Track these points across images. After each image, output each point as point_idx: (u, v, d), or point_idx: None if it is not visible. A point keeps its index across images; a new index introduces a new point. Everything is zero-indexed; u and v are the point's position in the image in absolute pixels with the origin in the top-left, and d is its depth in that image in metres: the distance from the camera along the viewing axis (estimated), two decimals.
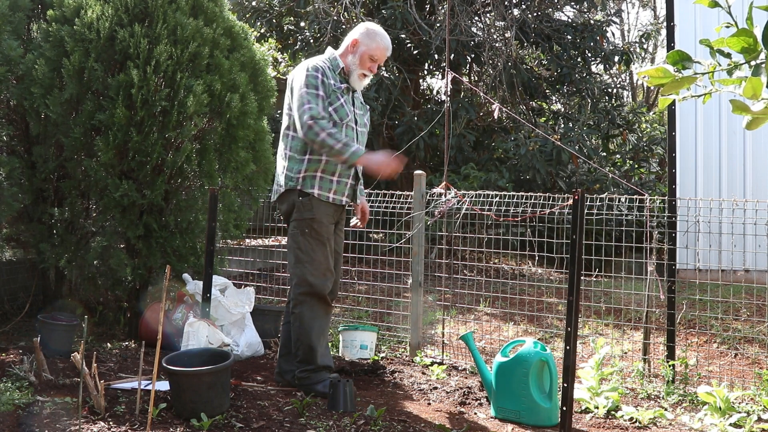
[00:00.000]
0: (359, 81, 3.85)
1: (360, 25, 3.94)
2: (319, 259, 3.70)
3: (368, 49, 3.81)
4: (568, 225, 3.85)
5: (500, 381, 3.56)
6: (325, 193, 3.70)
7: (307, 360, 3.72)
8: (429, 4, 10.91)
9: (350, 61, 3.82)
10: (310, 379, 3.70)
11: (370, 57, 3.82)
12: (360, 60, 3.81)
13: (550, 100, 12.16)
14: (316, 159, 3.69)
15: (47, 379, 3.43)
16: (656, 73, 1.79)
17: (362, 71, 3.83)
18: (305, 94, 3.64)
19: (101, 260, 4.72)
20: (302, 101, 3.64)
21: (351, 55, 3.83)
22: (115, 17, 4.60)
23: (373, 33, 3.85)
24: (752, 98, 1.67)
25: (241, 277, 6.15)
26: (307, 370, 3.71)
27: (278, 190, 3.81)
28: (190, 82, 4.62)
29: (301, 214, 3.69)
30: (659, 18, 16.87)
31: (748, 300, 5.39)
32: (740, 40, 1.66)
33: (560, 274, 7.46)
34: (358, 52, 3.81)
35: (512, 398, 3.52)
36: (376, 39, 3.83)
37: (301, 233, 3.68)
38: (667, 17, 4.88)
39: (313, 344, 3.72)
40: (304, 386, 3.70)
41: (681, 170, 6.36)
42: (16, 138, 4.92)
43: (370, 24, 3.94)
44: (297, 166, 3.70)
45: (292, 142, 3.75)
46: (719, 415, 3.53)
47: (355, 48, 3.83)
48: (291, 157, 3.74)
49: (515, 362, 3.53)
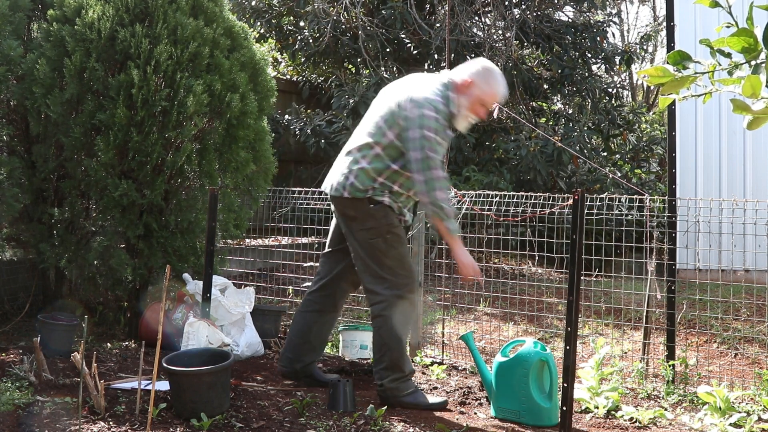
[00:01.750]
0: (464, 124, 3.60)
1: (477, 62, 3.61)
2: (407, 260, 3.66)
3: (482, 93, 3.51)
4: (568, 225, 3.85)
5: (500, 381, 3.56)
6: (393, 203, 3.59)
7: (395, 367, 3.56)
8: (429, 4, 10.91)
9: (462, 103, 3.52)
10: (399, 390, 3.56)
11: (482, 103, 3.54)
12: (470, 104, 3.52)
13: (551, 100, 12.16)
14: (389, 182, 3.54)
15: (47, 379, 3.43)
16: (656, 72, 1.79)
17: (470, 116, 3.56)
18: (431, 138, 3.37)
19: (101, 260, 4.72)
20: (424, 144, 3.37)
21: (463, 96, 3.52)
22: (116, 17, 4.60)
23: (490, 76, 3.54)
24: (751, 97, 1.66)
25: (241, 277, 6.15)
26: (396, 380, 3.56)
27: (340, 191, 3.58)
28: (190, 82, 4.62)
29: (377, 221, 3.54)
30: (659, 18, 16.87)
31: (748, 300, 5.39)
32: (740, 40, 1.66)
33: (560, 274, 7.46)
34: (471, 95, 3.51)
35: (512, 398, 3.52)
36: (491, 83, 3.53)
37: (382, 240, 3.55)
38: (667, 17, 4.88)
39: (403, 350, 3.62)
40: (393, 397, 3.55)
41: (681, 170, 6.35)
42: (17, 138, 4.92)
43: (487, 63, 3.61)
44: (368, 182, 3.53)
45: (376, 159, 3.53)
46: (719, 415, 3.53)
47: (467, 90, 3.51)
48: (365, 170, 3.53)
49: (515, 362, 3.53)
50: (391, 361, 3.56)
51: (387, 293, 3.55)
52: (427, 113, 3.40)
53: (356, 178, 3.53)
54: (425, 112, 3.40)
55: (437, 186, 3.39)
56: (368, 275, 3.62)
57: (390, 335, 3.55)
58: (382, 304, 3.57)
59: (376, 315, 3.60)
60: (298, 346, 3.86)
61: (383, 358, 3.57)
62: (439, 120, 3.42)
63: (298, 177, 10.23)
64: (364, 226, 3.57)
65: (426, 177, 3.39)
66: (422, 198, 3.46)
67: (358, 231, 3.59)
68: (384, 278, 3.57)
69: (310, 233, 6.09)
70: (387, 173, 3.54)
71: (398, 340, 3.57)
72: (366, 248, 3.59)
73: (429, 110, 3.41)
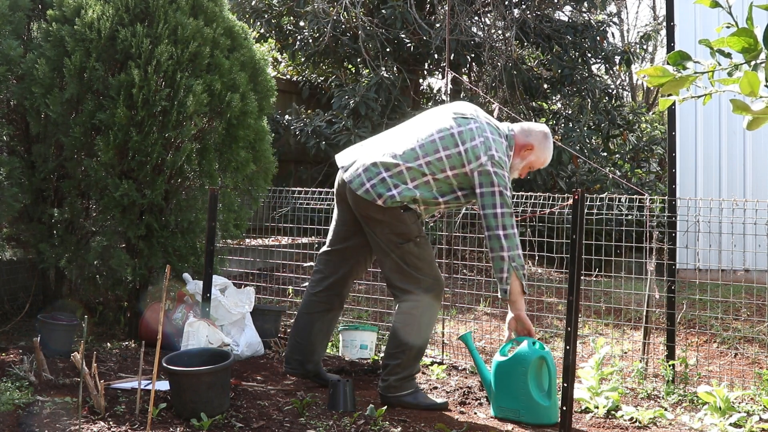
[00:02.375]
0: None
1: (539, 127, 3.70)
2: (435, 263, 3.69)
3: (537, 159, 3.66)
4: (568, 225, 3.85)
5: (499, 380, 3.56)
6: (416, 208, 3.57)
7: (407, 366, 3.56)
8: (429, 3, 10.91)
9: (516, 164, 3.64)
10: (402, 388, 3.57)
11: (531, 166, 3.69)
12: (523, 166, 3.67)
13: (551, 100, 12.16)
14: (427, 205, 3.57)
15: (47, 379, 3.43)
16: (655, 72, 1.79)
17: (516, 174, 3.69)
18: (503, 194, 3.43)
19: (101, 260, 4.72)
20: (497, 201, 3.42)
21: (519, 158, 3.64)
22: (116, 17, 4.60)
23: (547, 144, 3.66)
24: (750, 95, 1.66)
25: (241, 277, 6.15)
26: (402, 379, 3.56)
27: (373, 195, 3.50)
28: (190, 82, 4.62)
29: (408, 227, 3.53)
30: (659, 18, 16.87)
31: (748, 300, 5.39)
32: (740, 40, 1.66)
33: (560, 274, 7.46)
34: (527, 159, 3.65)
35: (511, 397, 3.52)
36: (545, 153, 3.67)
37: (414, 243, 3.55)
38: (667, 17, 4.88)
39: (421, 352, 3.64)
40: (392, 396, 3.56)
41: (681, 170, 6.35)
42: (16, 138, 4.92)
43: (547, 129, 3.72)
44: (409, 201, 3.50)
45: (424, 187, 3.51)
46: (719, 414, 3.53)
47: (526, 154, 3.64)
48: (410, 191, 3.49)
49: (514, 361, 3.53)
50: (407, 360, 3.57)
51: (421, 293, 3.56)
52: (500, 172, 3.46)
53: (399, 194, 3.48)
54: (499, 171, 3.45)
55: (517, 243, 3.45)
56: (399, 275, 3.59)
57: (416, 335, 3.56)
58: (413, 302, 3.56)
59: (405, 312, 3.57)
60: (306, 347, 3.84)
61: (400, 355, 3.56)
62: (507, 176, 3.50)
63: (298, 177, 10.23)
64: (394, 230, 3.54)
65: (507, 233, 3.43)
66: (500, 253, 3.44)
67: (387, 234, 3.56)
68: (419, 279, 3.57)
69: (310, 233, 6.09)
70: (430, 201, 3.56)
71: (423, 340, 3.60)
72: (396, 251, 3.56)
73: (501, 170, 3.46)
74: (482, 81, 11.33)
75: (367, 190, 3.50)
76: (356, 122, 9.68)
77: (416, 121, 3.78)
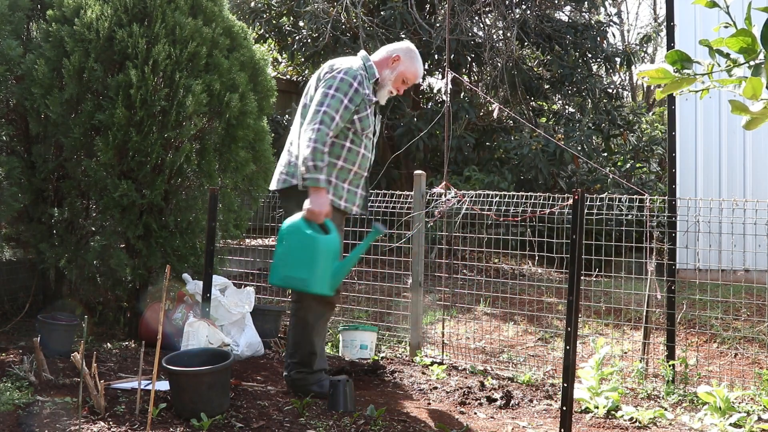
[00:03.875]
0: (385, 96, 3.81)
1: (404, 42, 3.90)
2: None
3: (406, 69, 3.78)
4: (568, 225, 3.85)
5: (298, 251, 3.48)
6: (336, 199, 3.63)
7: (305, 363, 3.70)
8: (429, 4, 10.91)
9: (386, 75, 3.75)
10: (306, 380, 3.68)
11: (404, 78, 3.79)
12: (395, 77, 3.77)
13: (551, 100, 12.16)
14: (332, 163, 3.61)
15: (47, 379, 3.43)
16: (656, 74, 1.79)
17: (391, 89, 3.79)
18: (331, 97, 3.53)
19: (101, 260, 4.72)
20: (324, 101, 3.52)
21: (389, 69, 3.76)
22: (115, 17, 4.60)
23: (414, 55, 3.82)
24: (752, 98, 1.67)
25: (241, 277, 6.15)
26: (303, 372, 3.70)
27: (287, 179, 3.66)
28: (189, 82, 4.62)
29: None
30: (659, 18, 16.86)
31: (748, 300, 5.39)
32: (739, 41, 1.66)
33: (560, 274, 7.46)
34: (397, 69, 3.76)
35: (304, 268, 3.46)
36: (414, 62, 3.81)
37: None
38: (667, 17, 4.88)
39: (315, 348, 3.70)
40: (298, 386, 3.68)
41: (681, 170, 6.35)
42: (16, 138, 4.93)
43: (412, 45, 3.89)
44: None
45: None
46: (719, 415, 3.53)
47: (395, 64, 3.77)
48: None
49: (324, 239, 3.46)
50: (302, 357, 3.68)
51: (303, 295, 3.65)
52: (337, 72, 3.59)
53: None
54: (335, 71, 3.61)
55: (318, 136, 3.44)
56: None
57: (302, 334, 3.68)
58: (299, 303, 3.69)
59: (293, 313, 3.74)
60: None
61: (296, 353, 3.70)
62: (348, 82, 3.56)
63: None
64: None
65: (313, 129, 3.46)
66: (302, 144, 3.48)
67: None
68: None
69: None
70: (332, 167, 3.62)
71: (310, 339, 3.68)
72: None
73: (340, 72, 3.59)
74: (483, 81, 11.33)
75: (285, 180, 3.66)
76: None
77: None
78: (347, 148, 3.64)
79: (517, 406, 3.79)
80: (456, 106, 9.77)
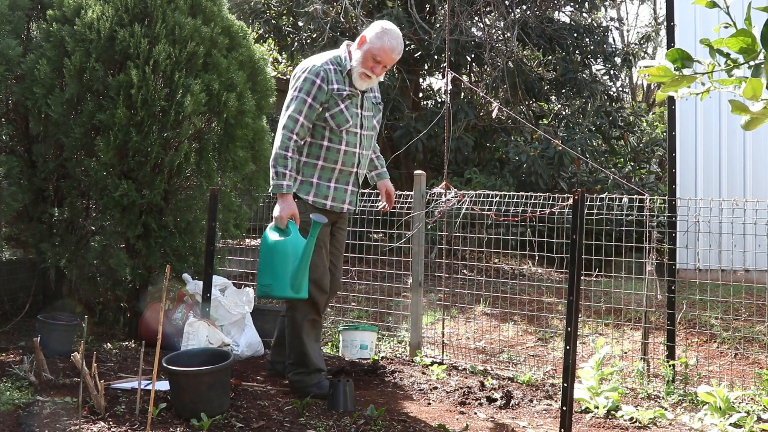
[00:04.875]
0: (360, 80, 3.66)
1: (375, 23, 3.76)
2: (315, 262, 3.61)
3: (372, 47, 3.62)
4: (568, 225, 3.85)
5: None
6: (320, 200, 3.65)
7: (300, 363, 3.69)
8: (429, 4, 10.91)
9: (355, 57, 3.65)
10: (304, 382, 3.67)
11: (373, 57, 3.63)
12: (363, 58, 3.63)
13: (552, 101, 12.17)
14: (312, 164, 3.64)
15: (47, 379, 3.43)
16: (657, 72, 1.79)
17: (363, 70, 3.63)
18: (294, 99, 3.58)
19: (101, 260, 4.72)
20: (288, 104, 3.59)
21: (358, 51, 3.66)
22: (115, 17, 4.60)
23: (382, 32, 3.64)
24: (752, 99, 1.67)
25: (241, 277, 6.15)
26: (300, 373, 3.69)
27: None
28: (188, 82, 4.62)
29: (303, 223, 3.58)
30: (659, 18, 16.86)
31: (748, 300, 5.39)
32: (739, 41, 1.66)
33: (560, 274, 7.46)
34: (362, 49, 3.64)
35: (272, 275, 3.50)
36: (383, 38, 3.63)
37: None
38: (667, 17, 4.88)
39: (306, 348, 3.69)
40: (298, 388, 3.68)
41: (681, 170, 6.35)
42: (16, 138, 4.93)
43: (385, 23, 3.73)
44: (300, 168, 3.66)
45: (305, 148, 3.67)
46: (719, 415, 3.53)
47: (361, 45, 3.66)
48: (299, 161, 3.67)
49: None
50: (296, 358, 3.69)
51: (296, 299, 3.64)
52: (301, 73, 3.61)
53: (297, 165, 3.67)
54: (300, 72, 3.63)
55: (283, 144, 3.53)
56: None
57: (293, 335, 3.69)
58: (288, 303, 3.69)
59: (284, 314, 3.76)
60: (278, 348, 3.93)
61: (290, 354, 3.71)
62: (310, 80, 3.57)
63: None
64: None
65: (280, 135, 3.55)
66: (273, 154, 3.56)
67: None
68: None
69: None
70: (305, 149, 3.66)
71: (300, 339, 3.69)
72: None
73: (304, 71, 3.61)
74: (483, 81, 11.33)
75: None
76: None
77: None
78: (325, 147, 3.65)
79: (517, 406, 3.79)
80: (455, 108, 9.78)
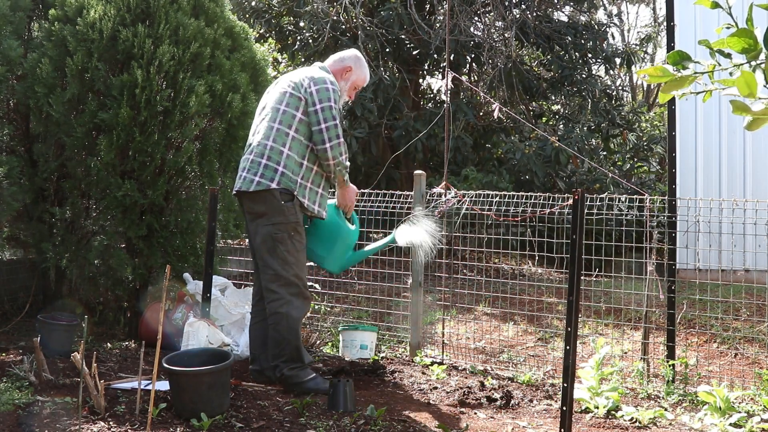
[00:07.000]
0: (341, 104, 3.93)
1: (351, 51, 4.03)
2: (303, 260, 3.78)
3: (357, 78, 3.95)
4: (568, 225, 3.85)
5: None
6: (311, 204, 3.78)
7: (295, 358, 3.73)
8: (429, 4, 10.91)
9: (342, 86, 3.90)
10: (300, 377, 3.71)
11: (355, 86, 3.97)
12: (349, 87, 3.95)
13: (551, 100, 12.17)
14: (309, 167, 3.75)
15: (47, 379, 3.43)
16: (656, 72, 1.79)
17: (345, 98, 3.95)
18: (333, 109, 3.70)
19: (102, 260, 4.73)
20: (330, 116, 3.69)
21: (344, 81, 3.92)
22: (117, 17, 4.60)
23: (362, 62, 3.97)
24: (748, 96, 1.66)
25: (241, 277, 6.15)
26: (295, 368, 3.73)
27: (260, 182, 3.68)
28: (192, 83, 4.63)
29: (286, 218, 3.69)
30: (659, 18, 16.87)
31: (748, 300, 5.39)
32: (740, 41, 1.66)
33: (560, 274, 7.46)
34: (350, 80, 3.93)
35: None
36: (364, 70, 3.97)
37: (288, 236, 3.70)
38: (667, 17, 4.88)
39: (300, 343, 3.77)
40: (294, 384, 3.70)
41: (681, 170, 6.36)
42: (16, 137, 4.92)
43: (358, 52, 4.04)
44: (297, 169, 3.72)
45: (293, 142, 3.73)
46: (719, 415, 3.53)
47: (347, 74, 3.93)
48: (290, 157, 3.71)
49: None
50: (291, 353, 3.72)
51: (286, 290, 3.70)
52: (326, 85, 3.75)
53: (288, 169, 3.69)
54: (324, 83, 3.74)
55: (343, 150, 3.75)
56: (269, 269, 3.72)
57: (288, 331, 3.71)
58: (281, 300, 3.70)
59: (275, 311, 3.73)
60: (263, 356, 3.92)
61: (284, 350, 3.72)
62: (338, 94, 3.79)
63: None
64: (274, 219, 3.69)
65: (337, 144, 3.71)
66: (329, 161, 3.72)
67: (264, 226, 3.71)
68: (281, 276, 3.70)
69: None
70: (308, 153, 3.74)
71: (296, 335, 3.74)
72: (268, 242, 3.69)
73: (328, 83, 3.76)
74: (482, 81, 11.33)
75: (258, 182, 3.68)
76: (352, 123, 9.68)
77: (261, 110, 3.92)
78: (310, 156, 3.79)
79: (517, 406, 3.79)
80: (454, 107, 9.78)
